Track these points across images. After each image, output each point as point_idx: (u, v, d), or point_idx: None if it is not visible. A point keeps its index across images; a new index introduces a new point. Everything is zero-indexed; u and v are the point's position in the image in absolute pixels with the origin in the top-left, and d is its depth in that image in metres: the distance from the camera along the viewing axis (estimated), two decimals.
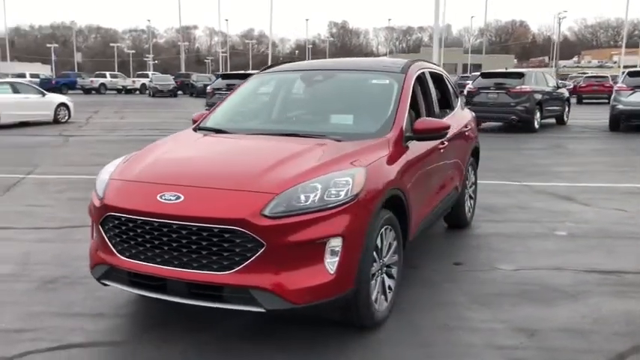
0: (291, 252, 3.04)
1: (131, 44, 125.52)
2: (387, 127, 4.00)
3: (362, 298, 3.35)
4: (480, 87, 16.32)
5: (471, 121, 5.97)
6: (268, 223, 3.00)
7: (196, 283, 3.09)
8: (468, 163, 5.78)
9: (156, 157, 3.69)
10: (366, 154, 3.62)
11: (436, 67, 5.63)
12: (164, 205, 3.14)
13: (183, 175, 3.35)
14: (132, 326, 3.68)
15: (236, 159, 3.65)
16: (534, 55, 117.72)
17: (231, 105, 4.77)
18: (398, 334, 3.54)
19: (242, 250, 3.02)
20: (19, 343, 3.38)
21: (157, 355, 3.27)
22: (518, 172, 9.61)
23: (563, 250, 5.28)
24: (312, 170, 3.31)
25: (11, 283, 4.36)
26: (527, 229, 5.93)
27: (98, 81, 49.58)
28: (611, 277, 4.56)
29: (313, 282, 3.08)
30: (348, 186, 3.23)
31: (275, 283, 3.02)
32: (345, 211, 3.16)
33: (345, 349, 3.34)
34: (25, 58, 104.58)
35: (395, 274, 3.82)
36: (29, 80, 46.08)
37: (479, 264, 4.88)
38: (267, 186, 3.14)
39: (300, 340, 3.45)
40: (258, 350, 3.32)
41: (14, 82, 19.20)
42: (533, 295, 4.18)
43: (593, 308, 3.95)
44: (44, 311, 3.85)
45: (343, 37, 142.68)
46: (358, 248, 3.23)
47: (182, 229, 3.08)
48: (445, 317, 3.80)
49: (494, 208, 6.84)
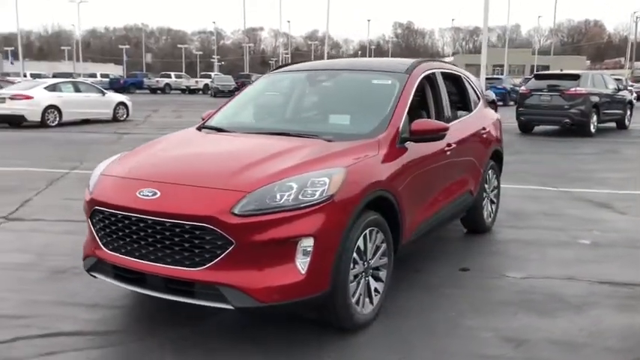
0: (261, 250, 3.05)
1: (199, 45, 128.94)
2: (381, 128, 3.95)
3: (339, 300, 3.32)
4: (532, 89, 15.77)
5: (492, 123, 5.79)
6: (237, 221, 3.02)
7: (170, 278, 3.15)
8: (487, 166, 5.61)
9: (145, 154, 3.80)
10: (351, 155, 3.59)
11: (453, 68, 5.51)
12: (141, 201, 3.22)
13: (164, 173, 3.43)
14: (122, 317, 3.79)
15: (218, 157, 3.69)
16: (609, 56, 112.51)
17: (236, 104, 4.83)
18: (380, 338, 3.49)
19: (212, 247, 3.06)
20: (12, 329, 3.55)
21: (135, 347, 3.36)
22: (560, 177, 9.24)
23: (581, 259, 5.05)
24: (290, 169, 3.31)
25: (24, 272, 4.58)
26: (549, 237, 5.70)
27: (163, 81, 51.28)
28: (623, 290, 4.32)
29: (283, 281, 3.08)
30: (325, 186, 3.21)
31: (243, 280, 3.04)
32: (319, 211, 3.14)
33: (322, 351, 3.31)
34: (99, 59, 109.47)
35: (384, 277, 3.76)
36: (99, 80, 48.42)
37: (487, 270, 4.73)
38: (239, 184, 3.16)
39: (279, 339, 3.46)
40: (234, 347, 3.35)
41: (76, 82, 20.15)
42: (534, 305, 4.02)
43: (594, 320, 3.76)
44: (46, 300, 4.02)
45: (408, 38, 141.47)
46: (332, 249, 3.20)
47: (157, 225, 3.15)
48: (434, 323, 3.71)
49: (522, 214, 6.62)
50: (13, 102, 16.94)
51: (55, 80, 19.75)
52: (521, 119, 16.00)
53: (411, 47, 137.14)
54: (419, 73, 4.53)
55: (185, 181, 3.27)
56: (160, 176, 3.37)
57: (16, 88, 18.19)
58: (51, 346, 3.33)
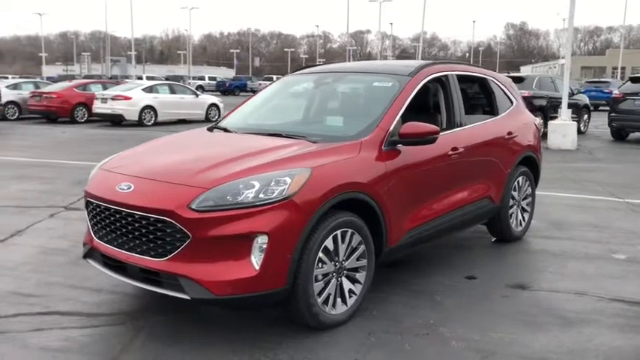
0: (217, 245, 3.20)
1: (307, 49, 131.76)
2: (367, 130, 3.96)
3: (300, 298, 3.39)
4: (627, 93, 14.65)
5: (523, 128, 5.52)
6: (194, 216, 3.18)
7: (142, 267, 3.38)
8: (515, 173, 5.37)
9: (140, 150, 4.09)
10: (325, 156, 3.64)
11: (477, 71, 5.36)
12: (118, 194, 3.48)
13: (142, 168, 3.67)
14: (117, 303, 4.07)
15: (197, 155, 3.85)
16: None
17: (248, 105, 5.02)
18: (344, 338, 3.51)
19: (172, 239, 3.24)
20: (18, 306, 3.95)
21: (113, 329, 3.62)
22: (628, 187, 8.60)
23: (604, 274, 4.73)
24: (257, 168, 3.43)
25: (55, 257, 5.03)
26: (580, 249, 5.38)
27: (265, 84, 52.85)
28: (634, 309, 4.02)
29: (236, 275, 3.20)
30: (285, 185, 3.29)
31: (199, 273, 3.20)
32: (275, 210, 3.23)
33: (281, 346, 3.39)
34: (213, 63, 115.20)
35: (361, 279, 3.78)
36: (207, 82, 50.92)
37: (495, 280, 4.57)
38: (201, 181, 3.33)
39: (246, 332, 3.57)
40: (202, 336, 3.52)
41: (172, 84, 21.39)
42: (525, 318, 3.85)
43: (582, 338, 3.55)
44: (60, 282, 4.41)
45: (520, 39, 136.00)
46: (289, 247, 3.28)
47: (129, 217, 3.40)
48: (409, 328, 3.67)
49: (565, 224, 6.27)
50: (114, 102, 18.33)
51: (153, 82, 21.13)
52: (613, 125, 14.93)
53: (524, 49, 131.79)
54: (423, 76, 4.47)
55: (156, 177, 3.49)
56: (138, 171, 3.61)
57: (117, 89, 19.66)
58: (42, 324, 3.67)
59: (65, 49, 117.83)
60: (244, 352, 3.32)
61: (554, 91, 15.32)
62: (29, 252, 5.13)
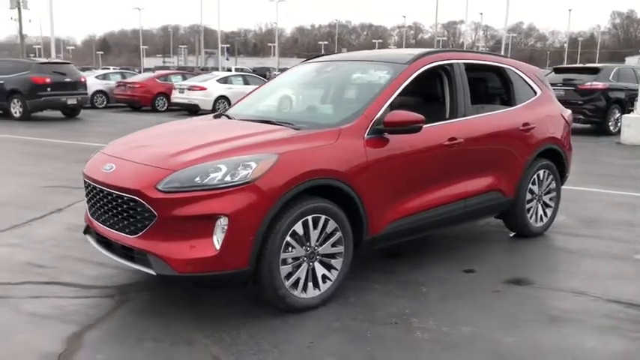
0: (181, 224, 3.35)
1: (397, 40, 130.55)
2: (351, 118, 3.97)
3: (265, 280, 3.48)
4: None
5: (545, 119, 5.25)
6: (159, 196, 3.35)
7: (120, 243, 3.60)
8: (534, 165, 5.15)
9: (138, 134, 4.33)
10: (299, 142, 3.70)
11: (492, 59, 5.18)
12: (102, 174, 3.71)
13: (127, 150, 3.88)
14: (117, 277, 4.31)
15: (179, 139, 4.01)
16: None
17: (255, 94, 5.15)
18: (310, 322, 3.56)
19: (142, 217, 3.43)
20: (29, 275, 4.30)
21: (103, 301, 3.87)
22: None
23: (616, 274, 4.47)
24: (228, 151, 3.55)
25: (78, 233, 5.38)
26: (602, 248, 5.09)
27: None
28: (630, 312, 3.79)
29: (197, 254, 3.33)
30: (250, 170, 3.39)
31: (165, 250, 3.36)
32: (237, 193, 3.33)
33: (244, 325, 3.48)
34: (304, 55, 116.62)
35: (338, 265, 3.81)
36: None
37: (493, 275, 4.43)
38: (170, 163, 3.48)
39: (218, 311, 3.71)
40: (175, 312, 3.69)
41: (245, 75, 21.97)
42: (508, 314, 3.74)
43: (557, 338, 3.41)
44: (73, 256, 4.73)
45: (628, 28, 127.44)
46: (252, 230, 3.37)
47: (109, 195, 3.62)
48: (379, 317, 3.65)
49: (596, 222, 5.94)
50: (191, 92, 19.12)
51: (227, 74, 21.82)
52: None
53: (631, 38, 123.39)
54: (421, 65, 4.40)
55: (135, 159, 3.69)
56: (122, 153, 3.84)
57: (194, 80, 20.47)
58: (42, 292, 3.99)
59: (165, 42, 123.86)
60: (208, 329, 3.45)
61: (636, 82, 14.33)
62: (58, 228, 5.55)
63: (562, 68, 15.96)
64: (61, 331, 3.41)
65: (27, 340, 3.32)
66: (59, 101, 16.69)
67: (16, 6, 42.92)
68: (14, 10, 43.60)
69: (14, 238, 5.22)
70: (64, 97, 16.69)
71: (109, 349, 3.25)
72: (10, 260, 4.61)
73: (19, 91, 16.14)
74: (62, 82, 16.66)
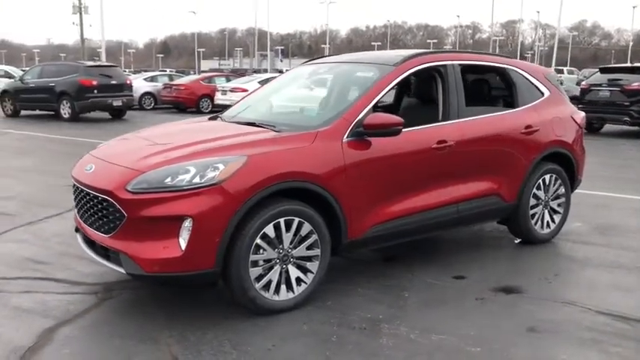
0: (149, 225, 3.41)
1: (454, 39, 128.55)
2: (329, 121, 3.94)
3: (234, 281, 3.50)
4: None
5: (551, 122, 5.05)
6: (128, 197, 3.42)
7: (97, 242, 3.69)
8: (538, 170, 4.97)
9: (126, 136, 4.44)
10: (272, 145, 3.71)
11: (498, 60, 5.02)
12: (83, 174, 3.83)
13: (108, 152, 3.98)
14: (107, 275, 4.37)
15: (164, 140, 4.03)
16: None
17: (252, 95, 5.18)
18: (279, 325, 3.56)
19: (114, 217, 3.51)
20: (26, 270, 4.47)
21: (87, 297, 3.98)
22: None
23: (615, 285, 4.26)
24: (200, 153, 3.59)
25: None
26: (610, 257, 4.86)
27: None
28: (617, 325, 3.61)
29: (163, 255, 3.38)
30: (217, 172, 3.42)
31: (134, 250, 3.43)
32: (203, 195, 3.36)
33: (214, 326, 3.51)
34: None
35: (313, 268, 3.79)
36: None
37: (482, 282, 4.29)
38: (141, 165, 3.55)
39: (189, 311, 3.75)
40: (150, 311, 3.76)
41: None
42: (485, 323, 3.63)
43: (526, 350, 3.28)
44: (72, 253, 4.85)
45: None
46: (217, 232, 3.39)
47: (87, 195, 3.73)
48: (352, 322, 3.61)
49: (612, 229, 5.68)
50: (232, 94, 19.40)
51: (269, 75, 21.99)
52: None
53: None
54: (410, 67, 4.32)
55: (111, 160, 3.78)
56: (103, 154, 3.94)
57: (236, 82, 20.78)
58: (32, 287, 4.14)
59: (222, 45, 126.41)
60: (177, 329, 3.50)
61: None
62: (67, 226, 5.72)
63: (608, 68, 15.28)
64: (37, 325, 3.53)
65: (1, 333, 3.45)
66: (105, 103, 17.27)
67: (78, 11, 44.74)
68: (76, 16, 45.45)
69: (25, 235, 5.44)
70: (110, 99, 17.27)
71: (77, 344, 3.34)
72: (12, 255, 4.81)
73: (68, 92, 16.83)
74: (108, 85, 17.26)
